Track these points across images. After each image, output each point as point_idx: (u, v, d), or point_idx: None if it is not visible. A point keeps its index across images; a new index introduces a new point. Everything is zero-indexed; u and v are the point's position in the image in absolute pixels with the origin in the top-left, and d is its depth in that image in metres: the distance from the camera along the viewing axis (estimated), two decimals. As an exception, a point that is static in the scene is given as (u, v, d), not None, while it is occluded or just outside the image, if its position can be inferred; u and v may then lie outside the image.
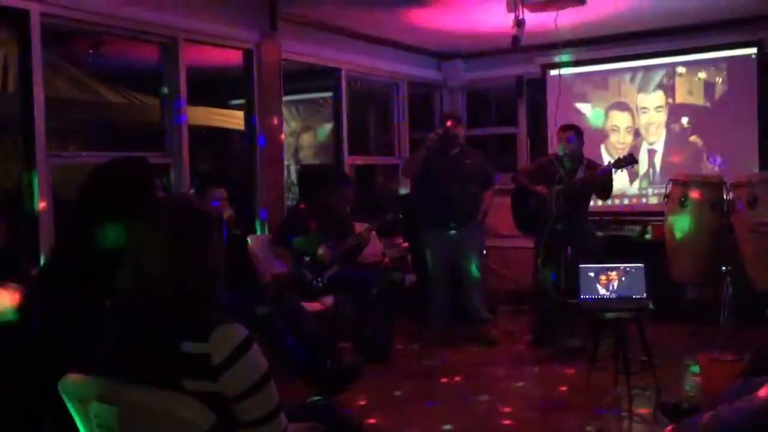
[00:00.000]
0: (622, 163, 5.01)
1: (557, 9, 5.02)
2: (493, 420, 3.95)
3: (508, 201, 5.55)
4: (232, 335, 1.65)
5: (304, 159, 8.18)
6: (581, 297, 4.30)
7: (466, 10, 5.54)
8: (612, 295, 4.26)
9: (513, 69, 7.20)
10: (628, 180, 6.64)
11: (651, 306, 4.17)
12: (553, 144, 5.77)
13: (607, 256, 4.68)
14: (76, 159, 4.83)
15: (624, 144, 6.78)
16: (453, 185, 5.40)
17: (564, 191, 5.14)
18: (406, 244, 6.53)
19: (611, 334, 4.28)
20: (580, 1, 4.90)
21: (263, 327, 3.96)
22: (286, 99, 5.94)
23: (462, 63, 7.53)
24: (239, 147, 6.28)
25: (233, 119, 7.04)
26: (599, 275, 4.28)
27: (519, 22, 5.00)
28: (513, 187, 5.57)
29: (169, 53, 4.93)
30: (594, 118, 6.94)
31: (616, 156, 5.81)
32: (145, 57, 5.52)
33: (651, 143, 6.74)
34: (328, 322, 4.82)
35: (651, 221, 6.18)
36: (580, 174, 5.23)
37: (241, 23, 5.33)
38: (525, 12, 4.97)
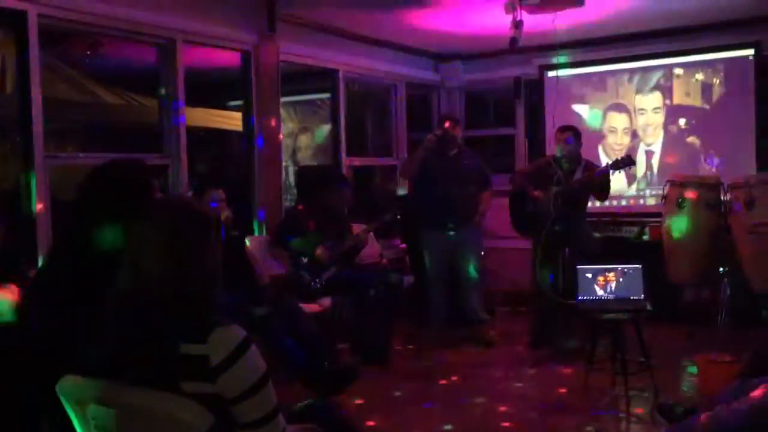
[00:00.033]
0: (619, 165, 5.02)
1: (555, 10, 5.03)
2: (491, 421, 3.95)
3: (506, 202, 5.54)
4: (230, 336, 1.65)
5: (302, 160, 8.18)
6: (579, 298, 4.31)
7: (464, 11, 5.54)
8: (610, 296, 4.26)
9: (511, 70, 7.19)
10: (625, 181, 6.65)
11: (648, 307, 4.17)
12: (551, 145, 5.76)
13: (605, 257, 4.67)
14: (74, 160, 4.84)
15: (622, 145, 6.78)
16: (451, 186, 5.41)
17: (562, 192, 5.14)
18: (404, 245, 6.52)
19: (609, 335, 4.28)
20: (578, 3, 4.90)
21: (261, 328, 3.96)
22: (284, 100, 5.92)
23: (460, 64, 7.52)
24: (237, 148, 6.29)
25: (231, 120, 7.03)
26: (597, 276, 4.28)
27: (517, 23, 5.01)
28: (511, 189, 5.57)
29: (167, 54, 4.92)
30: (592, 119, 6.94)
31: (613, 157, 5.82)
32: (143, 58, 5.51)
33: (648, 144, 6.74)
34: (326, 323, 4.83)
35: (648, 222, 6.18)
36: (578, 175, 5.23)
37: (240, 24, 5.33)
38: (523, 13, 4.98)
